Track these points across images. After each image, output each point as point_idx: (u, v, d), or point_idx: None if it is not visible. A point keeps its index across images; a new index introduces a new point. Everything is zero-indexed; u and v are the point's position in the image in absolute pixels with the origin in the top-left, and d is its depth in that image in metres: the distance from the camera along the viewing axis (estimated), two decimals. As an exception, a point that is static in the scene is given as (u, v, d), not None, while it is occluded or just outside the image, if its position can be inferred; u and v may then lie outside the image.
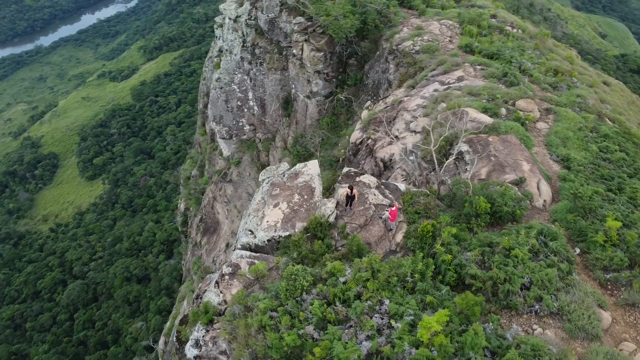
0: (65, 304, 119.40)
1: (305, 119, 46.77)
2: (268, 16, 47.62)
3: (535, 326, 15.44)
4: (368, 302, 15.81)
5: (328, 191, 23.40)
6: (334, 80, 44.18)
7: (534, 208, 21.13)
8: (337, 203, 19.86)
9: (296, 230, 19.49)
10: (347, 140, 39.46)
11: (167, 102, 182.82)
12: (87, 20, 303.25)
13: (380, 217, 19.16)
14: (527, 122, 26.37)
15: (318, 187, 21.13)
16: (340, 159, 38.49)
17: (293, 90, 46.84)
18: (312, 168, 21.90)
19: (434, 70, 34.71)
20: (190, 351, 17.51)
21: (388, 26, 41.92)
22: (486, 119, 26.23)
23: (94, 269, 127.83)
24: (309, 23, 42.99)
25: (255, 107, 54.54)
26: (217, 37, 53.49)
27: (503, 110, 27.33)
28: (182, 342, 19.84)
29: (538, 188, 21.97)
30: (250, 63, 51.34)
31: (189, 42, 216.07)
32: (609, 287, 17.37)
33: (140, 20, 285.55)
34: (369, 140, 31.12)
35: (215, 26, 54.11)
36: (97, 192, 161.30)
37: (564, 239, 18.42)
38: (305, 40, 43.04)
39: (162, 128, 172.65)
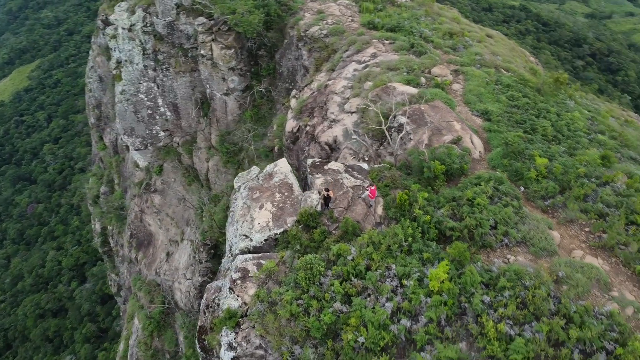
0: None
1: (226, 116, 47.69)
2: (165, 20, 47.27)
3: (509, 256, 19.20)
4: (378, 270, 18.56)
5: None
6: (248, 73, 45.45)
7: (474, 160, 24.99)
8: (319, 193, 22.14)
9: (288, 225, 21.58)
10: (277, 130, 41.42)
11: (36, 119, 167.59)
12: None
13: (360, 197, 21.84)
14: (445, 86, 30.20)
15: (295, 182, 23.25)
16: (275, 148, 40.40)
17: (208, 90, 47.38)
18: (283, 166, 23.89)
19: (346, 51, 37.48)
20: (226, 355, 19.18)
21: (290, 14, 43.86)
22: (412, 90, 29.66)
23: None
24: (212, 22, 43.57)
25: (168, 113, 54.13)
26: (112, 49, 51.81)
27: (423, 80, 30.94)
28: (208, 350, 21.40)
29: (472, 142, 25.86)
30: (154, 70, 50.71)
31: (44, 50, 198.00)
32: (550, 211, 21.68)
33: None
34: (308, 127, 33.39)
35: (107, 38, 52.25)
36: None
37: (508, 181, 22.42)
38: (213, 40, 43.66)
39: (37, 149, 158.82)
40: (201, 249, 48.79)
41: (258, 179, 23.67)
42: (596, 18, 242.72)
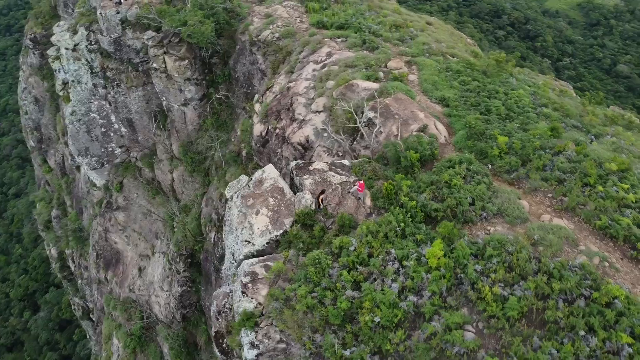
0: None
1: (185, 125, 48.15)
2: (111, 37, 46.97)
3: (489, 228, 21.74)
4: (379, 256, 20.59)
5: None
6: (204, 82, 46.09)
7: (441, 145, 27.42)
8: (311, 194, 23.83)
9: (287, 226, 23.19)
10: (241, 134, 42.59)
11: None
12: None
13: (349, 192, 23.74)
14: (403, 78, 32.48)
15: (285, 186, 24.82)
16: (243, 152, 41.58)
17: (165, 102, 47.60)
18: (271, 172, 25.38)
19: (302, 52, 39.06)
20: (249, 353, 20.64)
21: (238, 20, 44.84)
22: (374, 85, 31.75)
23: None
24: (162, 35, 43.83)
25: (123, 128, 53.80)
26: (56, 70, 50.73)
27: (381, 74, 33.08)
28: (227, 352, 22.82)
29: (437, 129, 28.30)
30: (105, 87, 50.27)
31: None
32: (515, 183, 24.45)
33: None
34: (277, 130, 34.85)
35: (49, 60, 51.08)
36: None
37: (476, 161, 25.00)
38: (165, 53, 43.96)
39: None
40: (177, 260, 49.33)
41: (249, 186, 25.04)
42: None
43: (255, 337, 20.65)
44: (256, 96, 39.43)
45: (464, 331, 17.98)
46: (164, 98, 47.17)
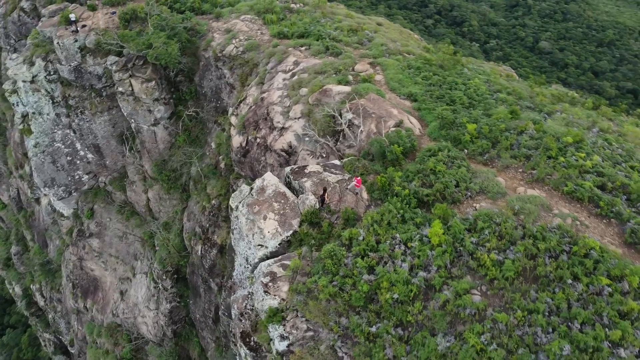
0: None
1: (157, 145, 48.92)
2: (71, 65, 47.09)
3: (475, 205, 24.73)
4: (387, 242, 23.11)
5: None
6: (171, 101, 47.10)
7: (417, 137, 30.32)
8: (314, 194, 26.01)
9: (295, 226, 25.28)
10: (216, 148, 44.08)
11: None
12: None
13: (347, 188, 26.11)
14: (371, 79, 35.18)
15: (286, 190, 26.88)
16: (222, 164, 43.11)
17: (134, 124, 48.17)
18: (271, 179, 27.34)
19: (268, 63, 41.04)
20: (280, 345, 22.62)
21: (199, 37, 46.18)
22: (346, 88, 34.25)
23: None
24: (126, 59, 44.52)
25: (90, 155, 53.75)
26: (14, 104, 50.06)
27: (350, 78, 35.65)
28: (256, 348, 24.67)
29: (411, 122, 31.19)
30: (68, 116, 50.19)
31: None
32: (489, 163, 27.64)
33: None
34: (258, 139, 36.74)
35: (6, 95, 50.34)
36: None
37: (453, 148, 28.00)
38: (131, 76, 44.67)
39: None
40: (164, 277, 50.09)
41: (252, 195, 26.90)
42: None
43: (284, 330, 22.66)
44: (230, 109, 41.05)
45: (472, 295, 20.80)
46: (132, 120, 47.76)
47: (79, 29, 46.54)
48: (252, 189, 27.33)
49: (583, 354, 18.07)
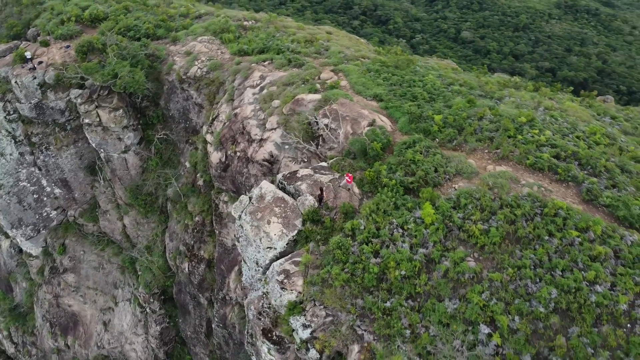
0: None
1: (128, 171, 49.65)
2: (31, 103, 47.16)
3: (454, 185, 28.09)
4: (386, 227, 25.99)
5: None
6: (139, 126, 48.07)
7: (390, 132, 33.48)
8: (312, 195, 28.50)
9: (298, 226, 27.67)
10: (191, 166, 45.61)
11: None
12: None
13: (340, 186, 28.80)
14: (337, 86, 38.07)
15: (284, 195, 29.19)
16: (200, 181, 44.67)
17: (103, 154, 48.69)
18: (268, 186, 29.57)
19: (234, 80, 43.10)
20: (304, 333, 24.95)
21: (159, 62, 47.50)
22: (316, 96, 36.96)
23: None
24: (90, 90, 45.15)
25: (57, 190, 53.57)
26: (-26, 148, 49.27)
27: (318, 86, 38.39)
28: (279, 341, 26.84)
29: (382, 120, 34.33)
30: (32, 154, 50.02)
31: None
32: (458, 148, 31.19)
33: None
34: (238, 153, 38.74)
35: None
36: None
37: (425, 139, 31.34)
38: (97, 107, 45.35)
39: None
40: (151, 300, 50.81)
41: (253, 203, 29.03)
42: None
43: (305, 319, 25.04)
44: (205, 127, 42.74)
45: (467, 262, 24.01)
46: (101, 150, 48.29)
47: (36, 65, 46.64)
48: (251, 198, 29.45)
49: (568, 295, 21.66)
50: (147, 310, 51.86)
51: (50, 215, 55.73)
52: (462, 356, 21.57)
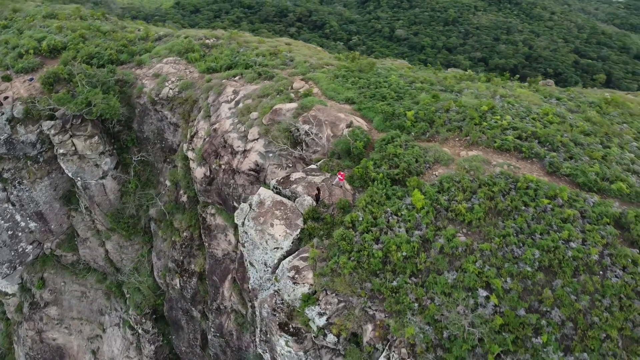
0: None
1: (107, 196, 50.12)
2: (0, 139, 46.87)
3: (435, 173, 31.27)
4: (382, 216, 28.78)
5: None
6: (115, 150, 48.77)
7: (368, 131, 36.37)
8: (309, 196, 30.88)
9: (301, 225, 30.01)
10: (172, 185, 46.88)
11: None
12: None
13: (332, 184, 31.36)
14: (310, 93, 40.65)
15: (283, 198, 31.44)
16: (185, 197, 46.01)
17: (80, 182, 48.99)
18: (266, 192, 31.73)
19: (208, 97, 44.81)
20: (320, 320, 27.28)
21: (128, 86, 48.46)
22: (293, 105, 39.38)
23: None
24: (63, 120, 45.53)
25: (32, 224, 53.16)
26: (-59, 191, 48.29)
27: (292, 95, 40.82)
28: (296, 333, 29.02)
29: (358, 121, 37.20)
30: (5, 190, 49.60)
31: None
32: (431, 140, 34.47)
33: None
34: (223, 166, 40.53)
35: None
36: None
37: (401, 134, 34.43)
38: (72, 136, 45.78)
39: None
40: (143, 320, 51.40)
41: (253, 210, 31.11)
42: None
43: (320, 308, 27.40)
44: (184, 145, 44.15)
45: (458, 237, 27.15)
46: (78, 178, 48.58)
47: (2, 101, 46.46)
48: (251, 205, 31.53)
49: (549, 254, 25.18)
50: (140, 331, 52.35)
51: (26, 250, 55.06)
52: (467, 319, 24.61)
